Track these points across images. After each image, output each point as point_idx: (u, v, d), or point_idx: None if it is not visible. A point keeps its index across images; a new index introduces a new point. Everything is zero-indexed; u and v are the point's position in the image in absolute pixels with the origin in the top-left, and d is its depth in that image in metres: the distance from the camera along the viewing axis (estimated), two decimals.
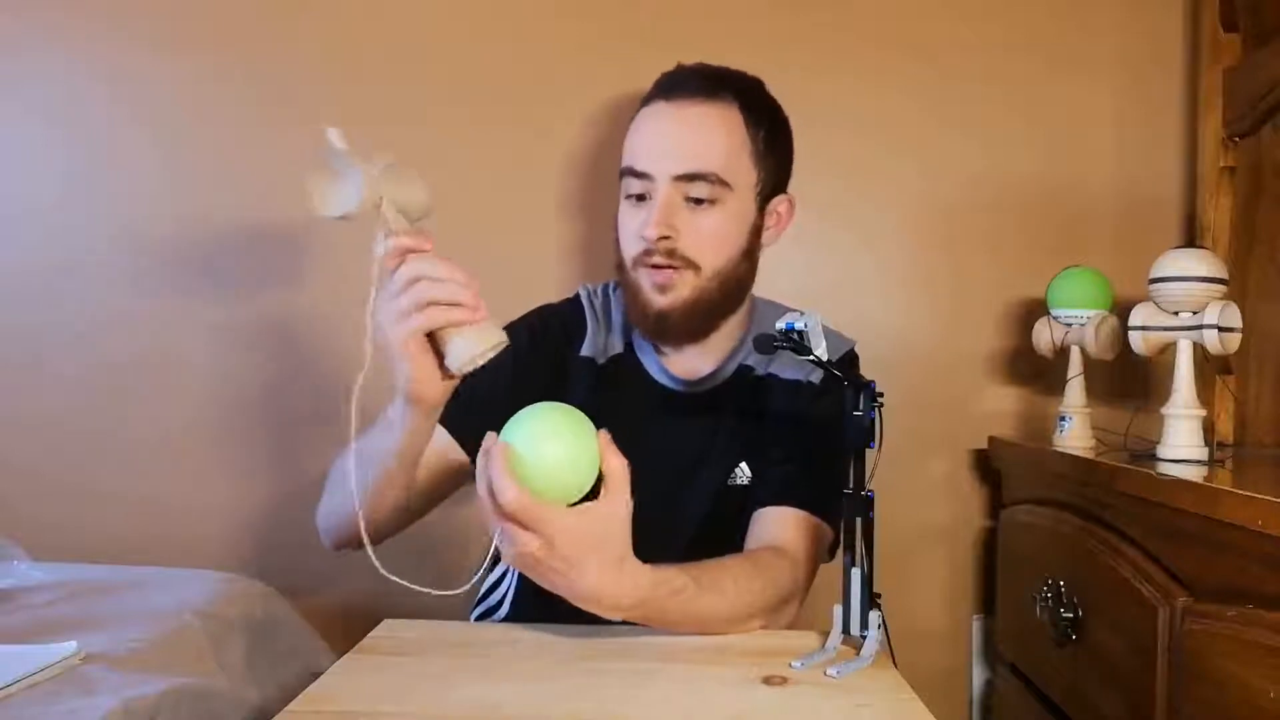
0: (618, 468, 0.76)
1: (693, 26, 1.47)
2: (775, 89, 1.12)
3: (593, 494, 0.76)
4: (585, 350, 1.14)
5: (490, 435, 0.74)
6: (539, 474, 0.72)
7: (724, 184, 1.04)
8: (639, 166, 1.06)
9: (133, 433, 1.49)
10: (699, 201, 1.04)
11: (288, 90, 1.48)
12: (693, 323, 1.08)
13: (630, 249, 1.07)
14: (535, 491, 0.72)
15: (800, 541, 0.99)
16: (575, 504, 0.75)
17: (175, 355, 1.49)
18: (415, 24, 1.48)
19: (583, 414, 0.76)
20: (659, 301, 1.06)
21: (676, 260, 1.04)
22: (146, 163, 1.49)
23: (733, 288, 1.09)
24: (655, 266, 1.05)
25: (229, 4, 1.48)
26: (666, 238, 1.04)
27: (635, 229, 1.06)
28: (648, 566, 0.81)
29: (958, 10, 1.48)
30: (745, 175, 1.07)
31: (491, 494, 0.72)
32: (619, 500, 0.76)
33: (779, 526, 1.01)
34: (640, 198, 1.06)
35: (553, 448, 0.73)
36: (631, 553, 0.79)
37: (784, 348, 0.89)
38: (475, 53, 1.48)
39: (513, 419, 0.75)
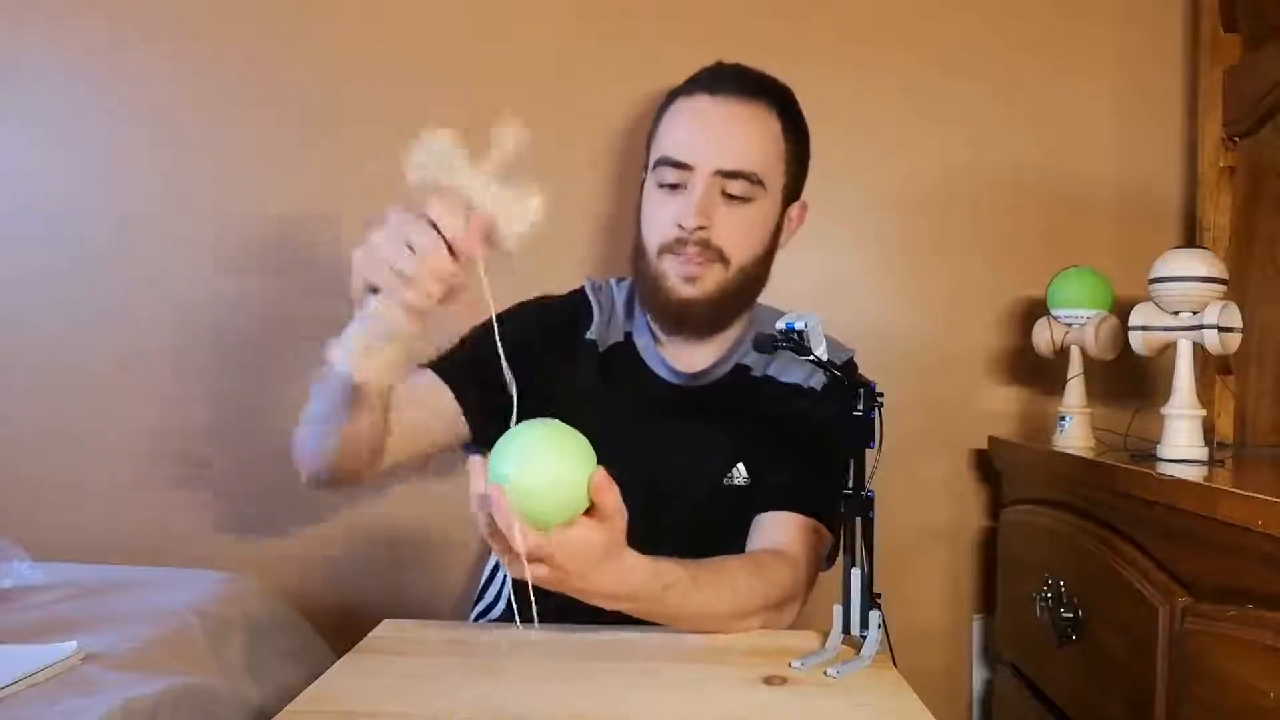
0: (608, 504, 0.74)
1: (696, 26, 1.46)
2: None
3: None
4: (591, 335, 1.16)
5: (478, 466, 0.73)
6: (538, 505, 0.71)
7: (760, 184, 1.07)
8: (679, 157, 1.06)
9: (132, 432, 1.49)
10: (734, 198, 1.06)
11: (288, 90, 1.48)
12: (714, 315, 1.10)
13: (659, 236, 1.08)
14: (533, 513, 0.71)
15: (800, 545, 1.00)
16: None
17: (176, 354, 1.48)
18: (419, 21, 1.48)
19: (568, 429, 0.74)
20: (685, 291, 1.07)
21: (709, 252, 1.06)
22: (146, 163, 1.49)
23: (752, 284, 1.11)
24: (686, 256, 1.06)
25: (229, 4, 1.48)
26: (703, 228, 1.05)
27: (669, 217, 1.07)
28: (646, 558, 0.81)
29: (957, 9, 1.47)
30: (776, 178, 1.10)
31: (495, 528, 0.72)
32: (612, 524, 0.75)
33: (779, 530, 1.01)
34: (674, 187, 1.07)
35: (547, 474, 0.71)
36: (627, 546, 0.79)
37: (784, 347, 0.90)
38: (477, 52, 1.47)
39: (504, 442, 0.72)
